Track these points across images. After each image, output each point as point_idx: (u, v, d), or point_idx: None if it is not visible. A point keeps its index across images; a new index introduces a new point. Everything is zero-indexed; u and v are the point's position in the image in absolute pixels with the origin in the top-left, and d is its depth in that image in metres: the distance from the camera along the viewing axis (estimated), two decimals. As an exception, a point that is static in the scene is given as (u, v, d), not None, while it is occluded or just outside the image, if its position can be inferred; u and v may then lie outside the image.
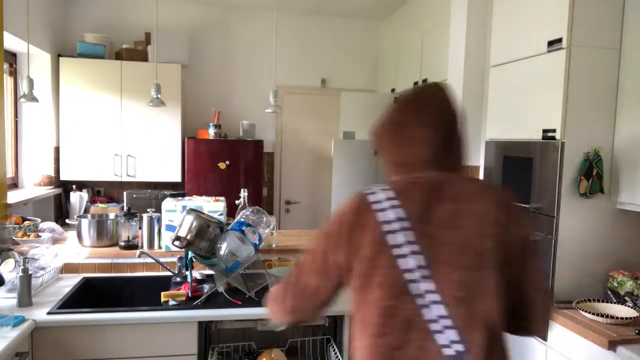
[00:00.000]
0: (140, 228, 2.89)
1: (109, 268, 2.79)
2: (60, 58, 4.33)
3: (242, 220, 2.33)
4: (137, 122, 4.48)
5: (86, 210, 4.29)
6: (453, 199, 1.17)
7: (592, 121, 2.32)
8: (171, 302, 2.16)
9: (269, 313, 1.36)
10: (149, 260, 2.53)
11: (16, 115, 4.16)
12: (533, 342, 2.44)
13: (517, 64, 2.67)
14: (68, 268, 2.65)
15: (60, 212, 4.52)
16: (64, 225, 3.69)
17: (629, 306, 2.16)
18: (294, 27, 5.16)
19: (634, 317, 2.05)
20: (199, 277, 2.51)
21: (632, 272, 2.30)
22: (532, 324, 1.25)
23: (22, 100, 3.22)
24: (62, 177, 4.41)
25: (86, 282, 2.46)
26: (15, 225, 2.92)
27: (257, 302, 2.20)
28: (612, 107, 2.34)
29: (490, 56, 2.96)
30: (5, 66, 3.70)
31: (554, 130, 2.34)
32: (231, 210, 2.98)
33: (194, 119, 4.93)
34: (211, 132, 4.58)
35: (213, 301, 2.20)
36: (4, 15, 3.21)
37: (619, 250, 2.38)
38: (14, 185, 4.16)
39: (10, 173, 4.06)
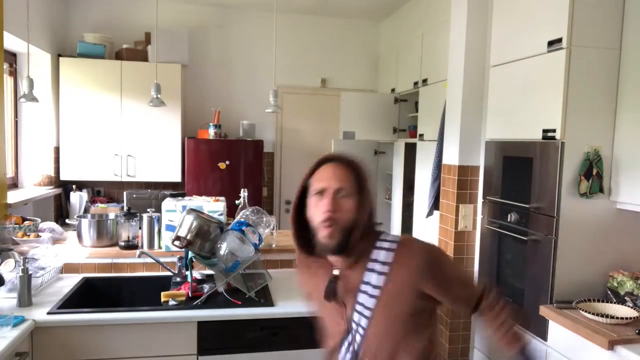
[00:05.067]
0: (140, 228, 2.89)
1: (109, 268, 2.79)
2: (60, 58, 4.33)
3: (242, 220, 2.33)
4: (137, 122, 4.48)
5: (86, 210, 4.29)
6: None
7: (592, 121, 2.32)
8: (171, 302, 2.16)
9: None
10: (149, 260, 2.53)
11: (16, 115, 4.16)
12: (533, 342, 2.44)
13: (517, 64, 2.66)
14: (68, 268, 2.64)
15: (60, 212, 4.52)
16: (64, 225, 3.69)
17: (629, 306, 2.16)
18: (294, 27, 5.15)
19: (634, 317, 2.05)
20: (199, 277, 2.51)
21: (632, 272, 2.30)
22: None
23: (22, 100, 3.22)
24: (62, 177, 4.41)
25: (86, 282, 2.46)
26: (15, 225, 2.92)
27: (257, 302, 2.21)
28: (612, 107, 2.34)
29: (490, 56, 2.96)
30: (5, 66, 3.70)
31: (554, 130, 2.34)
32: (231, 210, 2.98)
33: (194, 119, 4.92)
34: (211, 132, 4.58)
35: (213, 301, 2.20)
36: (4, 15, 3.21)
37: (619, 250, 2.38)
38: (14, 185, 4.16)
39: (10, 173, 4.05)
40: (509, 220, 2.67)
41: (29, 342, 1.91)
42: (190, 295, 2.23)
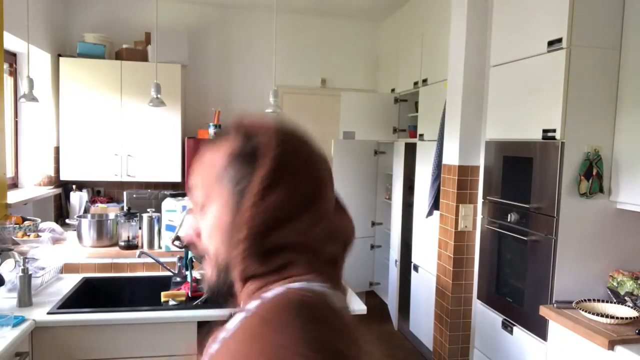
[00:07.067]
0: (140, 228, 2.89)
1: (109, 268, 2.79)
2: (60, 58, 4.33)
3: (242, 220, 2.33)
4: (137, 122, 4.48)
5: (86, 210, 4.29)
6: None
7: (592, 121, 2.32)
8: (171, 302, 2.16)
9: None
10: (149, 260, 2.53)
11: (16, 115, 4.16)
12: (533, 342, 2.44)
13: (517, 64, 2.67)
14: (68, 268, 2.65)
15: (60, 212, 4.51)
16: (64, 225, 3.69)
17: (629, 306, 2.16)
18: (294, 27, 5.15)
19: (634, 317, 2.05)
20: (199, 277, 2.51)
21: (632, 272, 2.30)
22: None
23: (22, 100, 3.22)
24: (62, 177, 4.41)
25: (86, 282, 2.46)
26: (15, 225, 2.93)
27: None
28: (612, 107, 2.34)
29: (490, 56, 2.96)
30: (5, 66, 3.70)
31: (554, 130, 2.34)
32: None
33: (194, 119, 4.92)
34: (211, 132, 4.58)
35: (213, 301, 2.20)
36: (4, 15, 3.21)
37: (619, 250, 2.38)
38: (14, 185, 4.16)
39: (10, 173, 4.05)
40: (509, 220, 2.67)
41: (29, 342, 1.91)
42: (190, 295, 2.23)
